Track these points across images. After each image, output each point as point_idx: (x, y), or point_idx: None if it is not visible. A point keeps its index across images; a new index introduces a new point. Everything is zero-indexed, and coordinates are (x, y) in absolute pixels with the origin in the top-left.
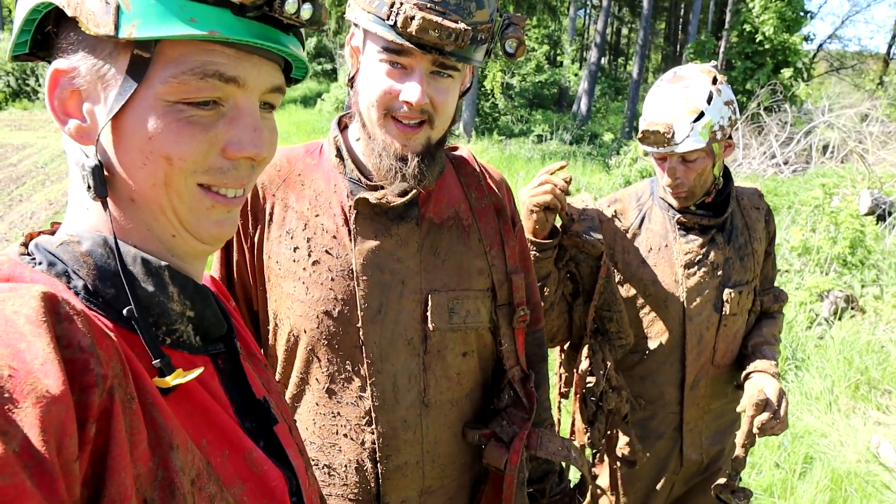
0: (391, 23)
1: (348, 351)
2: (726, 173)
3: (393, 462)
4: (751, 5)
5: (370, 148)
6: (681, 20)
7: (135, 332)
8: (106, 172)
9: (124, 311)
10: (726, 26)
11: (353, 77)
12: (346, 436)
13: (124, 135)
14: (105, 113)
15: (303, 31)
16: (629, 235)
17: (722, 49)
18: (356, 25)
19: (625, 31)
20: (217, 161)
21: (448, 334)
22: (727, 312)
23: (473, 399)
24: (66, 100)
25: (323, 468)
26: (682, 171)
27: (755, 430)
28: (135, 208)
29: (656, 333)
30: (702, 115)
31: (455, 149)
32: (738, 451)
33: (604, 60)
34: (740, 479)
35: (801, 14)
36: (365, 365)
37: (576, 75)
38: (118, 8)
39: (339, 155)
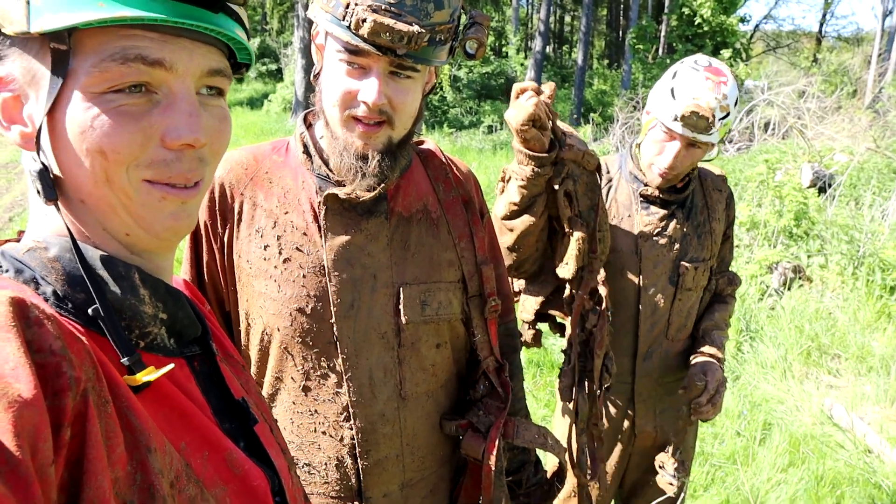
0: (346, 24)
1: (323, 347)
2: None
3: (373, 457)
4: None
5: (333, 147)
6: (622, 6)
7: (106, 336)
8: (57, 175)
9: (90, 311)
10: (666, 10)
11: (317, 74)
12: (324, 433)
13: (61, 134)
14: (41, 114)
15: (239, 11)
16: None
17: (663, 33)
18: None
19: (568, 18)
20: (159, 153)
21: (421, 326)
22: (682, 286)
23: (449, 390)
24: (9, 107)
25: (303, 467)
26: (682, 156)
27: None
28: (86, 209)
29: (613, 302)
30: (728, 114)
31: (421, 142)
32: (679, 426)
33: (548, 49)
34: (681, 452)
35: None
36: (340, 360)
37: (522, 65)
38: (27, 2)
39: (307, 151)
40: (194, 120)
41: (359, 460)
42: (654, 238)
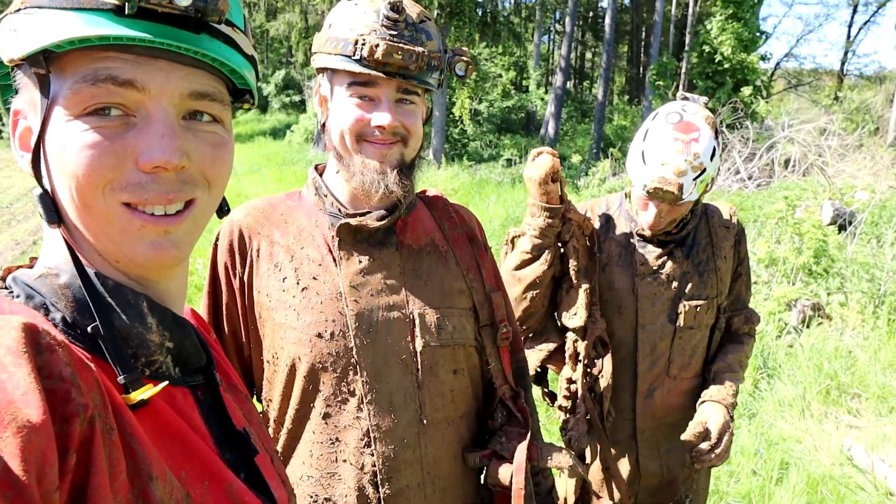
0: (357, 57)
1: (343, 371)
2: None
3: (395, 485)
4: (709, 27)
5: (350, 173)
6: (642, 43)
7: (109, 361)
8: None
9: (89, 329)
10: (686, 48)
11: (323, 123)
12: (345, 461)
13: (49, 160)
14: (34, 139)
15: (234, 34)
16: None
17: (683, 70)
18: (322, 73)
19: (588, 55)
20: (134, 175)
21: (438, 350)
22: (682, 325)
23: (469, 423)
24: (25, 137)
25: (322, 502)
26: (666, 212)
27: (694, 461)
28: (81, 235)
29: (612, 340)
30: (704, 171)
31: (425, 192)
32: (684, 474)
33: (569, 84)
34: (691, 500)
35: (758, 34)
36: (360, 384)
37: (542, 99)
38: (14, 30)
39: (318, 193)
40: (167, 141)
41: (380, 488)
42: (651, 276)
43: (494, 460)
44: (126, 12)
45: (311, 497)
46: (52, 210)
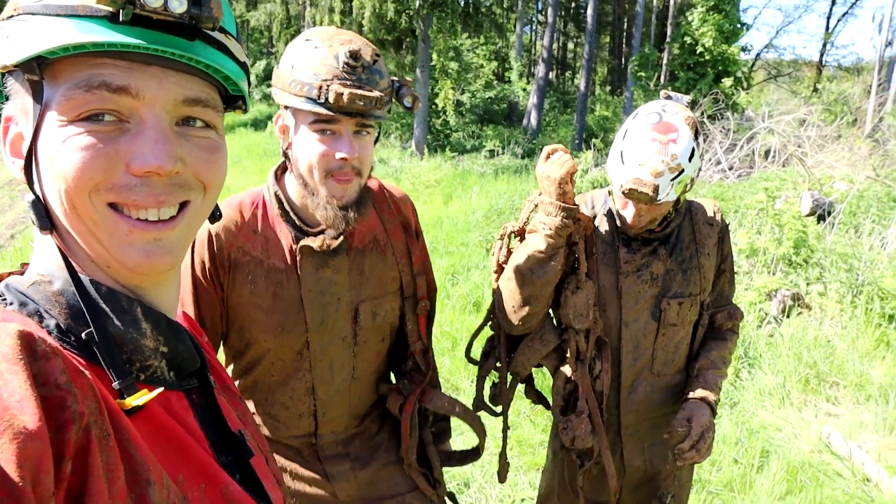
0: (321, 100)
1: (298, 348)
2: None
3: (327, 416)
4: (690, 18)
5: (315, 203)
6: (624, 34)
7: (104, 367)
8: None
9: (83, 335)
10: (668, 39)
11: (286, 150)
12: (293, 398)
13: (40, 165)
14: (27, 145)
15: (226, 41)
16: None
17: (665, 61)
18: (286, 108)
19: (571, 45)
20: (123, 178)
21: (372, 330)
22: (665, 322)
23: (382, 362)
24: (16, 143)
25: (274, 416)
26: (645, 211)
27: (676, 458)
28: (73, 241)
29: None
30: (682, 171)
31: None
32: (666, 470)
33: (551, 75)
34: (673, 495)
35: (738, 26)
36: (309, 357)
37: (524, 90)
38: (7, 36)
39: (281, 207)
40: (160, 147)
41: (317, 418)
42: (635, 274)
43: (395, 394)
44: (121, 19)
45: (265, 413)
46: (45, 216)
